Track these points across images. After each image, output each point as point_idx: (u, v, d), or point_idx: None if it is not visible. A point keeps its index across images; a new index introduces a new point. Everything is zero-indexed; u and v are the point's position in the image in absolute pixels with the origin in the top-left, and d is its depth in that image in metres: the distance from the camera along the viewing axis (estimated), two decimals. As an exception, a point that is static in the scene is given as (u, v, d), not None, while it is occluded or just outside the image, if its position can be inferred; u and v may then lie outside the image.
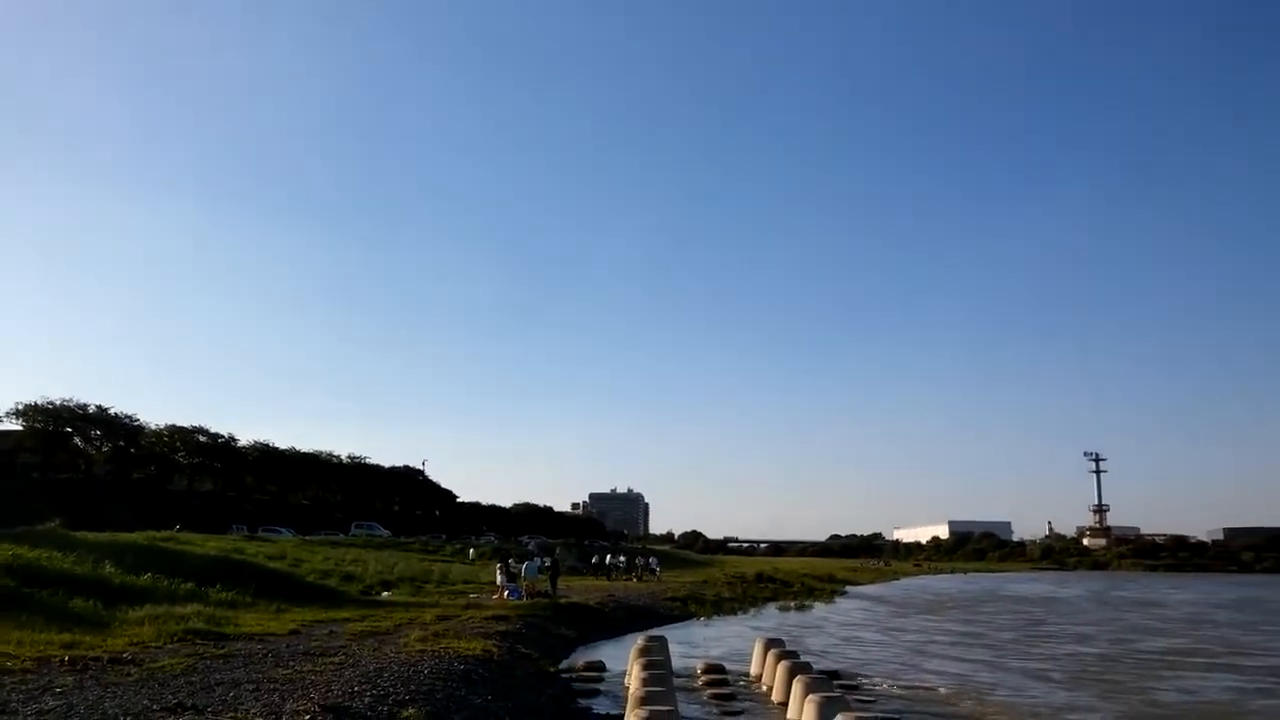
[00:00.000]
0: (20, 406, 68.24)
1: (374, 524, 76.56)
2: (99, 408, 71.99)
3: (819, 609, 47.20)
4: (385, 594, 31.36)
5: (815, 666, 17.10)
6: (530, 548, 62.79)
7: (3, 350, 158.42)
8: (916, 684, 19.26)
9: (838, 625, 36.46)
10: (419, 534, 77.89)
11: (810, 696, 12.62)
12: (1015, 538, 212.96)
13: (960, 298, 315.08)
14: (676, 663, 19.35)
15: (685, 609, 38.72)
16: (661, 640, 19.85)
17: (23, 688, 10.20)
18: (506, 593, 31.23)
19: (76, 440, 73.71)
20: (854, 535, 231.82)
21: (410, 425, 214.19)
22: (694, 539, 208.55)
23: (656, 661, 16.14)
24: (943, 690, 18.48)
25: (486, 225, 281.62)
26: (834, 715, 11.41)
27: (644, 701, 12.07)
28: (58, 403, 69.42)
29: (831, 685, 14.76)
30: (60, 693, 10.03)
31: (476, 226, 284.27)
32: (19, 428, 69.59)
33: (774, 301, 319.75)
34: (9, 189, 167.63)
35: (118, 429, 73.81)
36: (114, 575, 21.33)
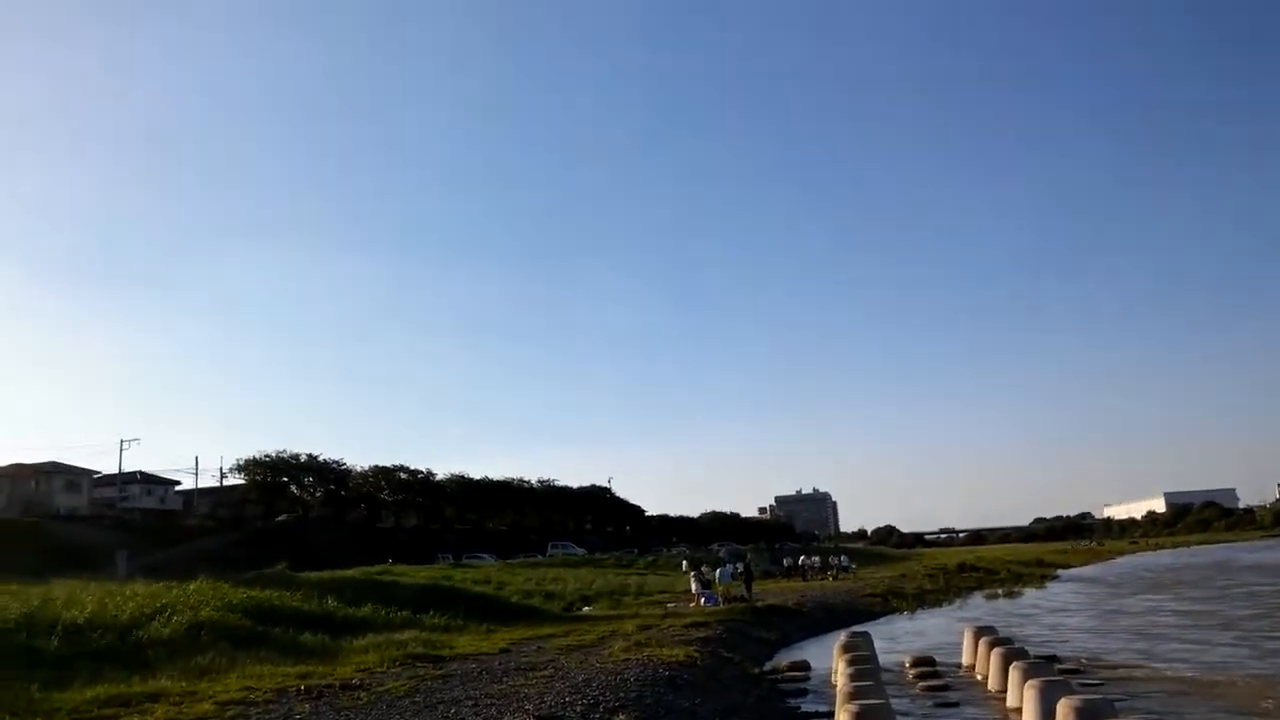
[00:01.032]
0: (242, 462, 74.36)
1: (569, 543, 78.72)
2: (310, 456, 77.40)
3: (1029, 594, 45.01)
4: (586, 609, 32.10)
5: (1031, 652, 16.30)
6: (721, 555, 62.87)
7: (224, 410, 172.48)
8: (1145, 665, 18.04)
9: (1051, 610, 34.65)
10: (611, 550, 79.50)
11: (1030, 682, 12.03)
12: (1241, 505, 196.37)
13: (1151, 256, 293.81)
14: (882, 658, 18.88)
15: (886, 604, 37.78)
16: (865, 635, 19.43)
17: (265, 717, 11.01)
18: (702, 600, 31.37)
19: (293, 488, 79.40)
20: (1059, 517, 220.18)
21: (593, 446, 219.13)
22: (888, 534, 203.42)
23: (862, 656, 15.80)
24: (1182, 673, 17.20)
25: (652, 252, 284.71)
26: (1056, 700, 10.81)
27: (853, 696, 11.82)
28: (273, 455, 75.15)
29: (1053, 669, 14.03)
30: (297, 717, 10.78)
31: (643, 255, 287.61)
32: (243, 481, 75.75)
33: (957, 286, 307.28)
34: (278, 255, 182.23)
35: (328, 474, 79.06)
36: (337, 609, 22.79)
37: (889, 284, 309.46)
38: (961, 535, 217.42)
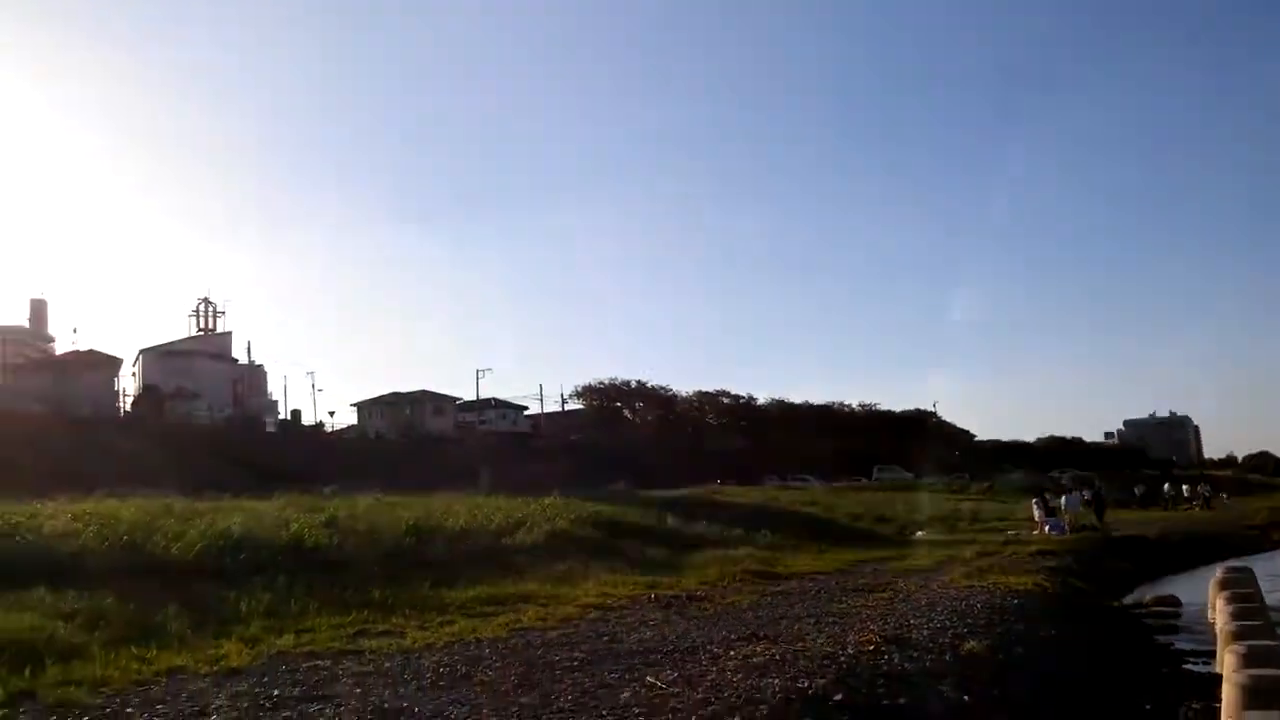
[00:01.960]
0: (580, 388, 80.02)
1: (896, 467, 77.24)
2: (639, 382, 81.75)
3: None
4: (919, 534, 31.38)
5: None
6: (1064, 481, 58.88)
7: (563, 339, 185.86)
8: None
9: None
10: (940, 475, 76.98)
11: None
12: None
13: None
14: (1268, 598, 16.76)
15: (1267, 538, 33.57)
16: (1247, 571, 17.32)
17: (623, 621, 11.76)
18: (1047, 527, 29.58)
19: (625, 412, 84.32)
20: None
21: (915, 369, 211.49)
22: (1263, 461, 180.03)
23: (1244, 594, 14.07)
24: None
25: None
26: None
27: (1239, 636, 10.56)
28: (607, 381, 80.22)
29: None
30: (654, 625, 11.42)
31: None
32: (581, 406, 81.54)
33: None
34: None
35: (657, 399, 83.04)
36: (676, 526, 23.96)
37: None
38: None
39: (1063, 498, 34.29)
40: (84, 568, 12.22)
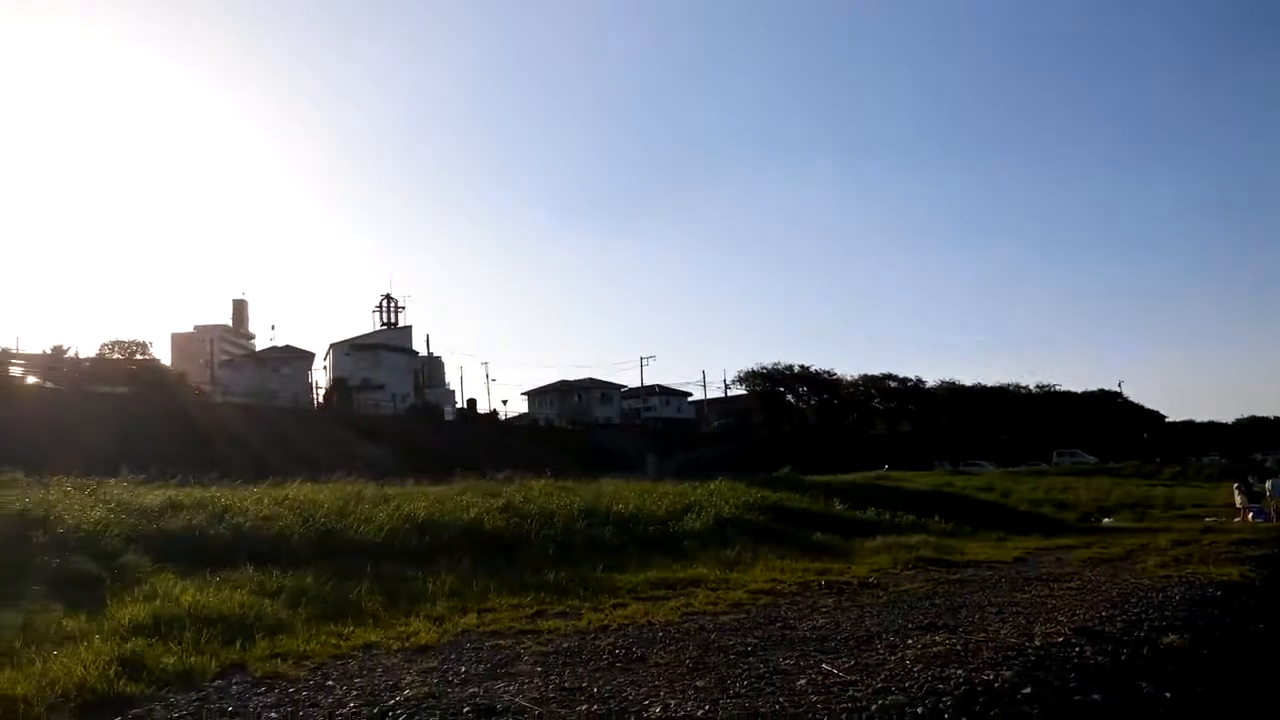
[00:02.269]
0: (742, 374, 79.85)
1: (1077, 450, 73.44)
2: (802, 367, 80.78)
3: None
4: (1106, 520, 29.71)
5: None
6: (1269, 465, 54.40)
7: (724, 325, 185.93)
8: None
9: None
10: (1126, 459, 72.57)
11: None
12: None
13: None
14: None
15: None
16: None
17: (794, 607, 11.66)
18: (1250, 514, 27.41)
19: (789, 397, 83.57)
20: None
21: (1096, 350, 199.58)
22: None
23: None
24: None
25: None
26: None
27: None
28: (769, 367, 79.64)
29: None
30: (825, 611, 11.26)
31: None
32: (744, 392, 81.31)
33: None
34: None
35: (820, 383, 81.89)
36: (844, 511, 23.55)
37: None
38: None
39: (1268, 482, 31.62)
40: (285, 549, 13.13)
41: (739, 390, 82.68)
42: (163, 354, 67.50)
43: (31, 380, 41.64)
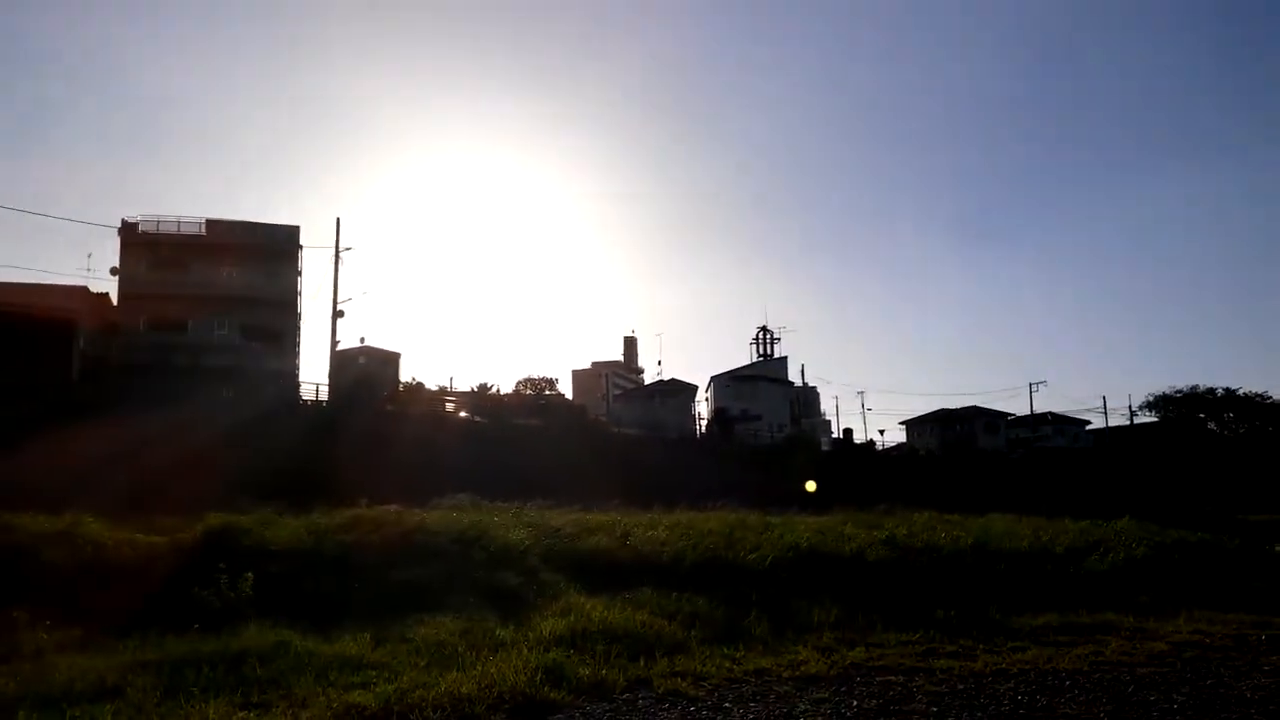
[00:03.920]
0: (1152, 398, 71.78)
1: None
2: (1227, 390, 71.01)
3: None
4: None
5: None
6: None
7: (1126, 347, 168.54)
8: None
9: None
10: None
11: None
12: None
13: None
14: None
15: None
16: None
17: (1230, 664, 10.24)
18: None
19: (1210, 424, 73.75)
20: None
21: None
22: None
23: None
24: None
25: None
26: None
27: None
28: (1185, 390, 70.90)
29: None
30: (1270, 671, 9.80)
31: None
32: (1154, 419, 73.05)
33: None
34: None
35: (1254, 408, 71.44)
36: (1285, 556, 20.32)
37: None
38: None
39: None
40: (678, 572, 13.92)
41: (1149, 417, 74.54)
42: (565, 389, 74.39)
43: (462, 415, 47.72)
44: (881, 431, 79.71)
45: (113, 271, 45.33)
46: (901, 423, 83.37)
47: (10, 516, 14.23)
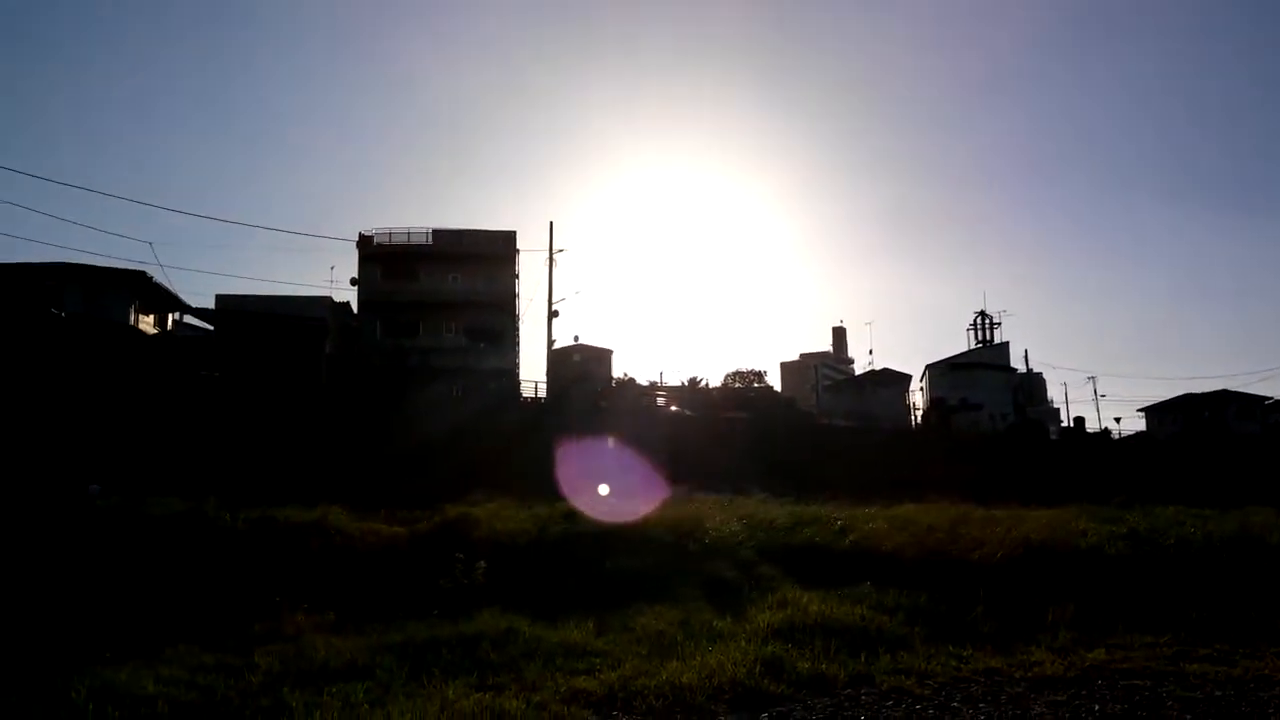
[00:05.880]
0: None
1: None
2: None
3: None
4: None
5: None
6: None
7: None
8: None
9: None
10: None
11: None
12: None
13: None
14: None
15: None
16: None
17: None
18: None
19: None
20: None
21: None
22: None
23: None
24: None
25: None
26: None
27: None
28: None
29: None
30: None
31: None
32: None
33: None
34: None
35: None
36: None
37: None
38: None
39: None
40: (897, 566, 13.52)
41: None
42: (774, 381, 73.89)
43: (673, 409, 48.44)
44: (1118, 419, 74.24)
45: (352, 282, 49.24)
46: (1140, 410, 77.44)
47: (273, 510, 15.72)
